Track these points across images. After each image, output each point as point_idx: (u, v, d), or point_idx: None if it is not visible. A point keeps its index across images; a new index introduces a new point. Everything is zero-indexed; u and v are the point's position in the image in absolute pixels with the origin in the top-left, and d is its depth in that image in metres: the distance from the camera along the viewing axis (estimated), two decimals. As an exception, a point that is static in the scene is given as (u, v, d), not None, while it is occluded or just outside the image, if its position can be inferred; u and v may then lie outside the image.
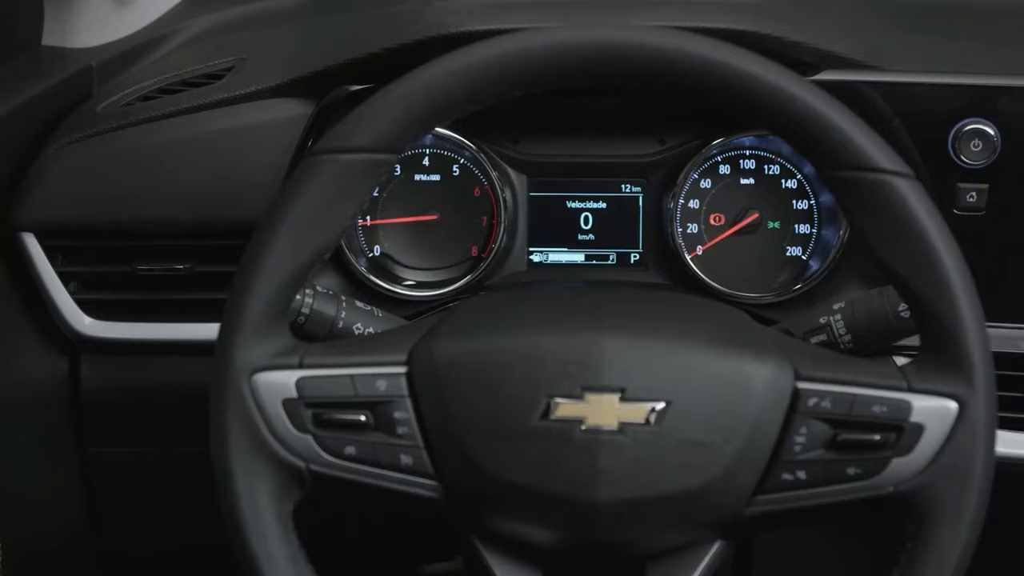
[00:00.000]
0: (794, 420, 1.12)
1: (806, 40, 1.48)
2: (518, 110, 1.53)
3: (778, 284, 1.60)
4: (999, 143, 1.46)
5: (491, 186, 1.59)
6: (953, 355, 1.12)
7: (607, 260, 1.65)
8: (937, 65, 1.50)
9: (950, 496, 1.10)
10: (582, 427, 1.10)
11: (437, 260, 1.64)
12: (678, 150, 1.61)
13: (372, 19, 1.62)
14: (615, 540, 1.14)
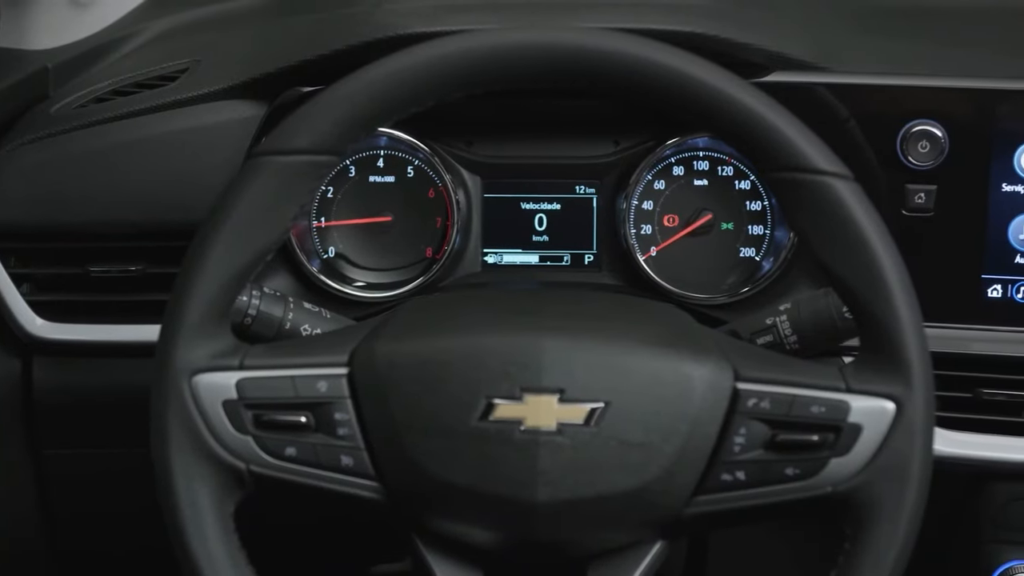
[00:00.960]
0: (733, 421, 1.12)
1: (755, 42, 1.49)
2: (472, 112, 1.53)
3: (731, 285, 1.60)
4: (947, 144, 1.46)
5: (445, 188, 1.59)
6: (891, 356, 1.12)
7: (561, 261, 1.65)
8: (887, 67, 1.51)
9: (887, 496, 1.11)
10: (521, 428, 1.11)
11: (391, 261, 1.64)
12: (632, 151, 1.61)
13: (324, 21, 1.62)
14: (555, 540, 1.14)
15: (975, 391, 1.47)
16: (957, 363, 1.50)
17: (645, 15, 1.50)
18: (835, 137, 1.39)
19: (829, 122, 1.49)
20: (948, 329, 1.52)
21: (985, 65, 1.52)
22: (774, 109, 1.14)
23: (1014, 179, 1.48)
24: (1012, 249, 1.49)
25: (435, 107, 1.38)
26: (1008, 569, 1.49)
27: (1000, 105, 1.47)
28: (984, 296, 1.50)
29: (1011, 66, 1.52)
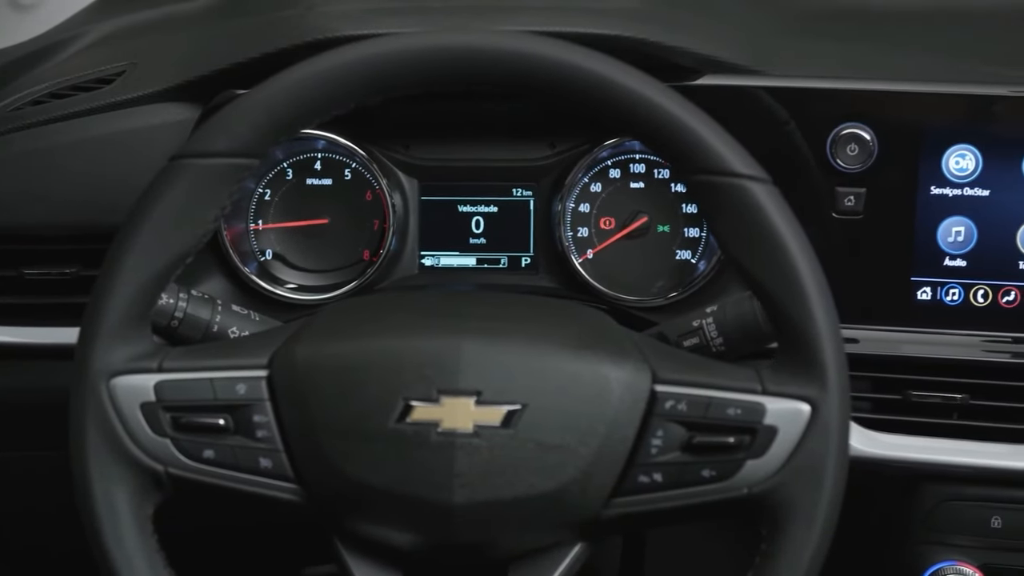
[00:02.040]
0: (651, 423, 1.13)
1: (685, 45, 1.49)
2: (410, 115, 1.54)
3: (667, 287, 1.60)
4: (876, 147, 1.47)
5: (381, 191, 1.60)
6: (806, 358, 1.13)
7: (498, 264, 1.65)
8: (818, 70, 1.51)
9: (802, 497, 1.11)
10: (438, 430, 1.11)
11: (328, 263, 1.65)
12: (568, 154, 1.61)
13: (259, 24, 1.62)
14: (473, 542, 1.14)
15: (905, 393, 1.48)
16: (887, 365, 1.51)
17: (572, 19, 1.50)
18: (770, 140, 1.41)
19: (767, 125, 1.49)
20: (879, 331, 1.52)
21: (915, 68, 1.52)
22: (692, 112, 1.14)
23: (942, 182, 1.48)
24: (941, 252, 1.50)
25: (372, 110, 1.38)
26: (938, 570, 1.50)
27: (928, 108, 1.48)
28: (914, 299, 1.51)
29: (941, 69, 1.52)
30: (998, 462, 1.46)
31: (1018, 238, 1.48)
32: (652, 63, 1.44)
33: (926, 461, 1.47)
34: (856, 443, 1.47)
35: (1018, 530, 1.47)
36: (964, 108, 1.47)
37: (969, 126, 1.47)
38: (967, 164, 1.48)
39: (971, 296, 1.50)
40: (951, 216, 1.49)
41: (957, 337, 1.51)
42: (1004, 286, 1.49)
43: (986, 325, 1.50)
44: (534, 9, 1.55)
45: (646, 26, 1.50)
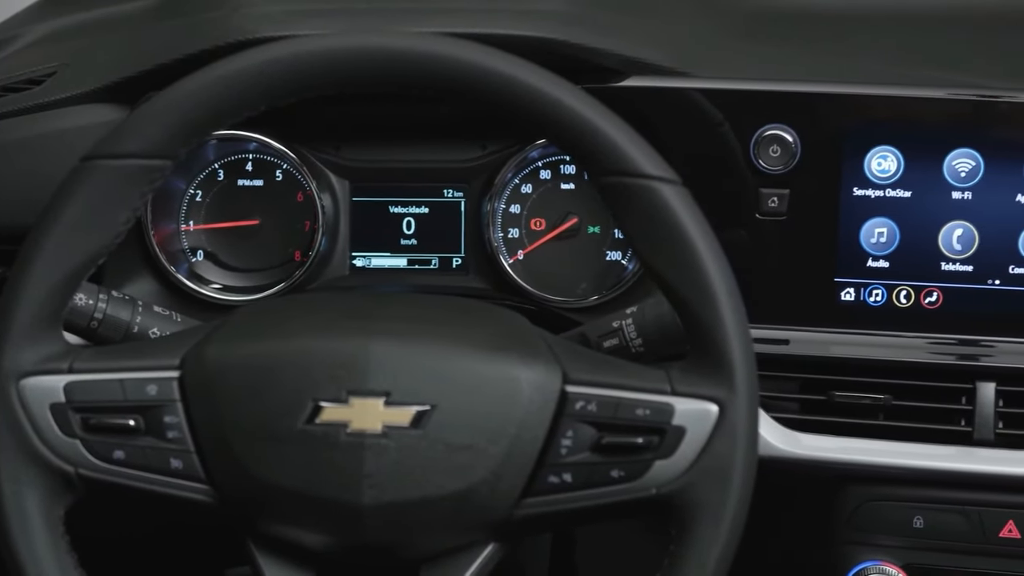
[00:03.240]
0: (561, 423, 1.13)
1: (609, 47, 1.49)
2: (340, 116, 1.54)
3: (595, 288, 1.61)
4: (798, 149, 1.47)
5: (312, 192, 1.60)
6: (714, 359, 1.13)
7: (429, 265, 1.65)
8: (742, 72, 1.51)
9: (709, 498, 1.12)
10: (347, 431, 1.11)
11: (260, 264, 1.65)
12: (498, 155, 1.62)
13: (187, 25, 1.61)
14: (384, 542, 1.14)
15: (829, 394, 1.48)
16: (812, 366, 1.52)
17: (496, 21, 1.50)
18: (695, 141, 1.42)
19: (693, 126, 1.50)
20: (804, 332, 1.52)
21: (840, 70, 1.53)
22: (602, 113, 1.14)
23: (865, 184, 1.49)
24: (864, 253, 1.50)
25: (303, 111, 1.39)
26: (862, 570, 1.50)
27: (849, 110, 1.48)
28: (838, 300, 1.52)
29: (867, 71, 1.53)
30: (920, 462, 1.47)
31: (939, 239, 1.49)
32: (576, 65, 1.46)
33: (849, 462, 1.48)
34: (779, 444, 1.48)
35: (940, 530, 1.48)
36: (885, 110, 1.48)
37: (890, 128, 1.48)
38: (889, 165, 1.48)
39: (894, 297, 1.51)
40: (874, 217, 1.50)
41: (880, 338, 1.52)
42: (926, 287, 1.50)
43: (909, 326, 1.51)
44: (458, 11, 1.55)
45: (570, 28, 1.50)
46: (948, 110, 1.48)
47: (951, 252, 1.50)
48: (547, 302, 1.60)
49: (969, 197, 1.48)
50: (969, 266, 1.49)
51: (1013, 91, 1.47)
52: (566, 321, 1.57)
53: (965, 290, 1.50)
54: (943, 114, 1.48)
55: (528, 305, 1.61)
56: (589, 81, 1.49)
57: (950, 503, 1.49)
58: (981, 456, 1.47)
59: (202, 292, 1.62)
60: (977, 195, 1.48)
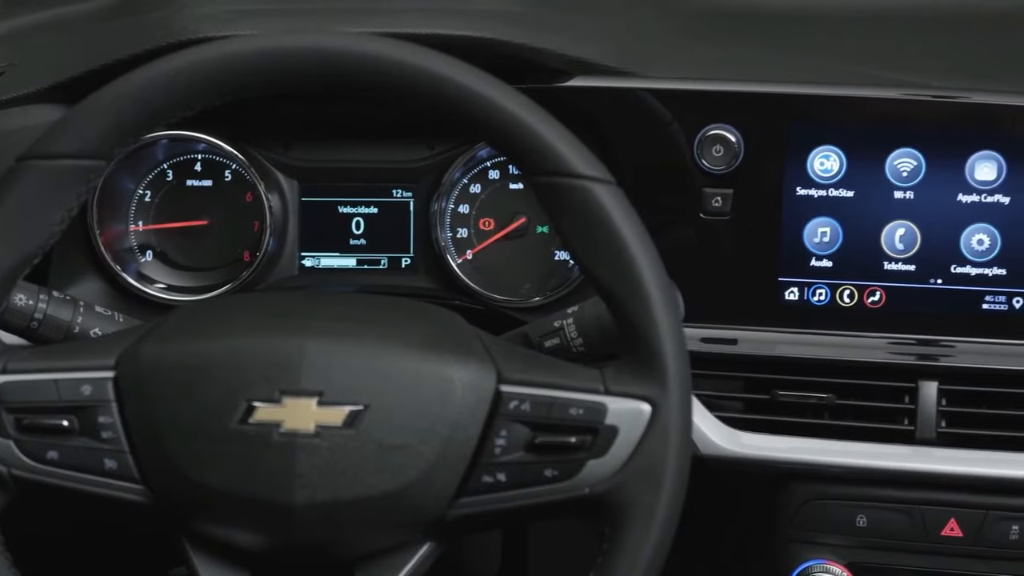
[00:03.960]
0: (495, 423, 1.13)
1: (554, 47, 1.49)
2: (289, 116, 1.54)
3: (544, 288, 1.61)
4: (741, 148, 1.48)
5: (260, 192, 1.60)
6: (647, 358, 1.13)
7: (378, 265, 1.66)
8: (685, 71, 1.52)
9: (642, 497, 1.12)
10: (279, 430, 1.11)
11: (209, 264, 1.65)
12: (446, 154, 1.62)
13: (133, 25, 1.61)
14: (317, 542, 1.14)
15: (773, 393, 1.49)
16: (756, 365, 1.52)
17: (438, 21, 1.50)
18: (640, 141, 1.43)
19: (638, 126, 1.50)
20: (749, 332, 1.53)
21: (784, 69, 1.53)
22: (535, 113, 1.15)
23: (807, 183, 1.49)
24: (807, 253, 1.51)
25: (251, 111, 1.40)
26: (806, 569, 1.51)
27: (792, 109, 1.49)
28: (782, 299, 1.52)
29: (811, 70, 1.54)
30: (862, 461, 1.47)
31: (882, 239, 1.49)
32: (520, 65, 1.46)
33: (791, 460, 1.48)
34: (721, 442, 1.49)
35: (883, 528, 1.49)
36: (827, 109, 1.48)
37: (833, 127, 1.48)
38: (831, 165, 1.49)
39: (837, 296, 1.51)
40: (817, 217, 1.50)
41: (824, 337, 1.52)
42: (869, 286, 1.51)
43: (852, 325, 1.52)
44: (400, 11, 1.55)
45: (513, 28, 1.50)
46: (890, 110, 1.49)
47: (894, 252, 1.50)
48: (495, 302, 1.60)
49: (911, 197, 1.49)
50: (911, 265, 1.50)
51: (954, 90, 1.48)
52: (514, 321, 1.57)
53: (908, 289, 1.50)
54: (885, 114, 1.49)
55: (476, 305, 1.61)
56: (534, 81, 1.50)
57: (893, 502, 1.49)
58: (923, 455, 1.48)
59: (148, 292, 1.62)
60: (919, 195, 1.48)
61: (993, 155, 1.47)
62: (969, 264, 1.49)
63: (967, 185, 1.48)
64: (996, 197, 1.47)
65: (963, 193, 1.48)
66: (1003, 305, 1.49)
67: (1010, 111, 1.47)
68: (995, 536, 1.47)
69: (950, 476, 1.47)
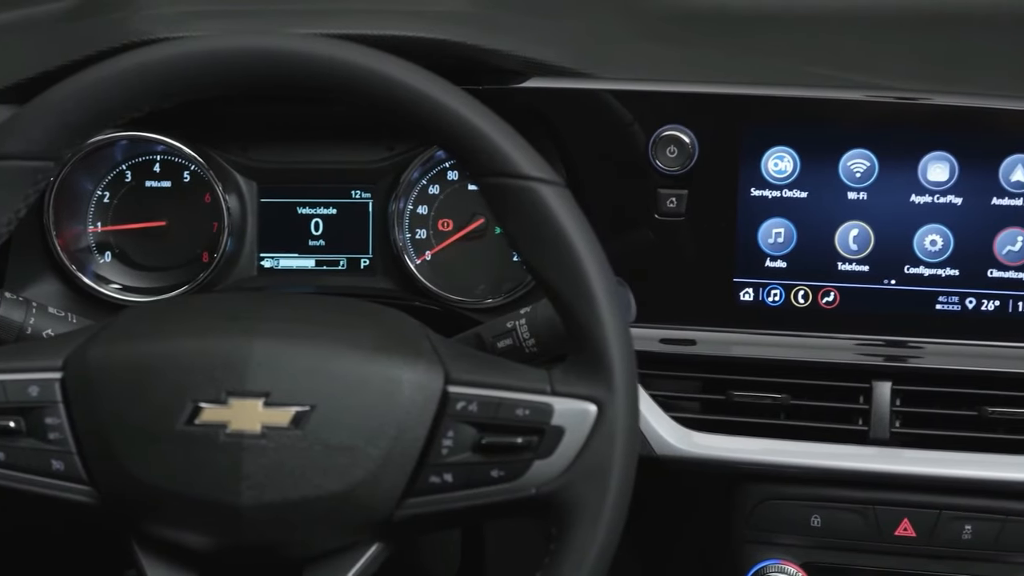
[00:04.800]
0: (442, 423, 1.13)
1: (508, 48, 1.50)
2: (247, 117, 1.54)
3: (502, 289, 1.61)
4: (696, 149, 1.48)
5: (218, 193, 1.60)
6: (593, 359, 1.13)
7: (337, 266, 1.66)
8: (641, 73, 1.52)
9: (588, 497, 1.12)
10: (226, 431, 1.11)
11: (167, 265, 1.65)
12: (404, 155, 1.62)
13: (91, 26, 1.61)
14: (265, 543, 1.14)
15: (728, 393, 1.49)
16: (713, 366, 1.52)
17: (390, 22, 1.50)
18: (596, 142, 1.43)
19: (593, 127, 1.51)
20: (705, 332, 1.53)
21: (739, 70, 1.54)
22: (482, 114, 1.15)
23: (762, 184, 1.50)
24: (762, 254, 1.51)
25: (210, 112, 1.40)
26: (761, 569, 1.51)
27: (746, 110, 1.49)
28: (737, 300, 1.52)
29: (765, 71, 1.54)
30: (815, 461, 1.48)
31: (836, 239, 1.50)
32: (474, 66, 1.46)
33: (745, 460, 1.49)
34: (675, 442, 1.49)
35: (837, 528, 1.49)
36: (780, 110, 1.49)
37: (786, 128, 1.49)
38: (785, 166, 1.49)
39: (792, 297, 1.52)
40: (771, 218, 1.51)
41: (779, 338, 1.52)
42: (823, 287, 1.51)
43: (806, 326, 1.52)
44: (354, 12, 1.55)
45: (467, 29, 1.50)
46: (843, 111, 1.49)
47: (847, 252, 1.50)
48: (453, 303, 1.61)
49: (864, 197, 1.49)
50: (865, 266, 1.50)
51: (906, 91, 1.48)
52: (472, 322, 1.57)
53: (861, 290, 1.51)
54: (838, 115, 1.49)
55: (434, 306, 1.61)
56: (489, 82, 1.50)
57: (847, 502, 1.50)
58: (876, 455, 1.48)
59: (104, 293, 1.62)
60: (872, 195, 1.49)
61: (945, 156, 1.47)
62: (922, 265, 1.49)
63: (920, 186, 1.48)
64: (949, 198, 1.48)
65: (916, 194, 1.48)
66: (956, 305, 1.49)
67: (962, 112, 1.47)
68: (948, 536, 1.47)
69: (903, 476, 1.47)
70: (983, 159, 1.46)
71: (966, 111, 1.47)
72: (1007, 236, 1.48)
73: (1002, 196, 1.47)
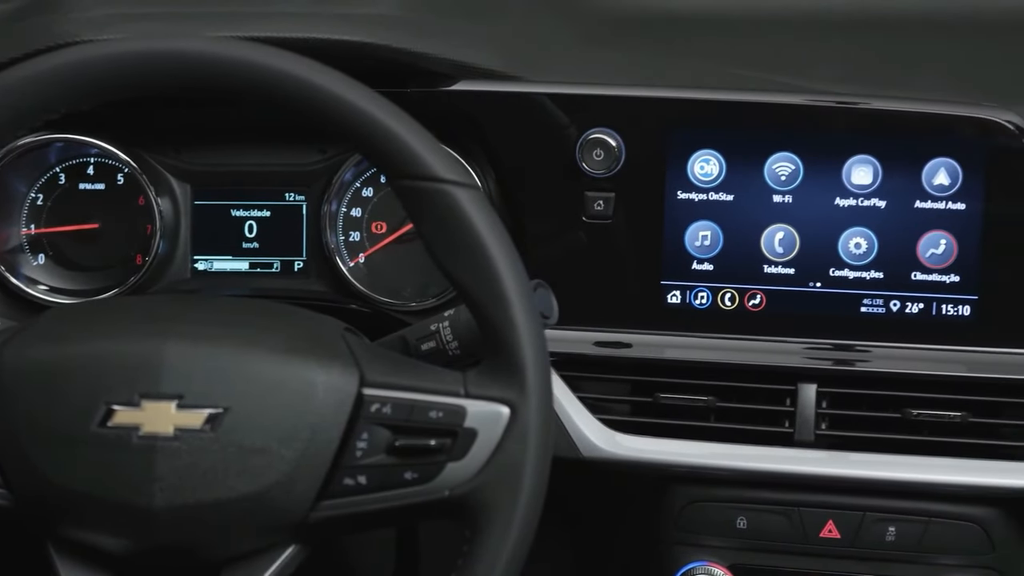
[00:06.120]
0: (356, 426, 1.14)
1: (435, 51, 1.50)
2: (181, 119, 1.54)
3: (430, 292, 1.61)
4: (622, 152, 1.48)
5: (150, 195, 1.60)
6: (507, 362, 1.14)
7: (271, 268, 1.66)
8: (572, 76, 1.53)
9: (500, 499, 1.12)
10: (139, 434, 1.11)
11: (101, 267, 1.64)
12: (337, 158, 1.62)
13: (22, 28, 1.61)
14: (180, 545, 1.14)
15: (655, 396, 1.49)
16: (641, 368, 1.53)
17: (317, 25, 1.49)
18: (525, 145, 1.44)
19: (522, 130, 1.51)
20: (638, 335, 1.54)
21: (668, 73, 1.54)
22: (396, 117, 1.15)
23: (688, 187, 1.50)
24: (689, 256, 1.52)
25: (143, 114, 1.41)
26: (689, 571, 1.51)
27: (671, 114, 1.50)
28: (664, 302, 1.53)
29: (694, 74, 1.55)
30: (740, 463, 1.48)
31: (762, 242, 1.51)
32: (402, 69, 1.46)
33: (670, 462, 1.49)
34: (603, 445, 1.49)
35: (762, 530, 1.50)
36: (706, 114, 1.50)
37: (712, 131, 1.50)
38: (711, 169, 1.50)
39: (719, 299, 1.52)
40: (698, 221, 1.51)
41: (707, 340, 1.53)
42: (750, 290, 1.52)
43: (733, 328, 1.53)
44: (282, 15, 1.55)
45: (395, 32, 1.50)
46: (768, 115, 1.50)
47: (773, 255, 1.51)
48: (385, 306, 1.61)
49: (790, 200, 1.50)
50: (791, 269, 1.51)
51: (829, 96, 1.49)
52: (402, 325, 1.57)
53: (787, 292, 1.51)
54: (763, 119, 1.50)
55: (366, 309, 1.61)
56: (417, 85, 1.51)
57: (772, 504, 1.50)
58: (800, 457, 1.49)
59: (32, 294, 1.61)
60: (797, 198, 1.50)
61: (869, 160, 1.48)
62: (847, 267, 1.50)
63: (844, 189, 1.49)
64: (872, 201, 1.49)
65: (840, 197, 1.49)
66: (881, 308, 1.50)
67: (885, 116, 1.48)
68: (872, 537, 1.48)
69: (827, 478, 1.48)
70: (906, 163, 1.47)
71: (890, 115, 1.48)
72: (930, 239, 1.48)
73: (925, 199, 1.48)
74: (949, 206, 1.47)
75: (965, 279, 1.48)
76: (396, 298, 1.62)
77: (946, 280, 1.48)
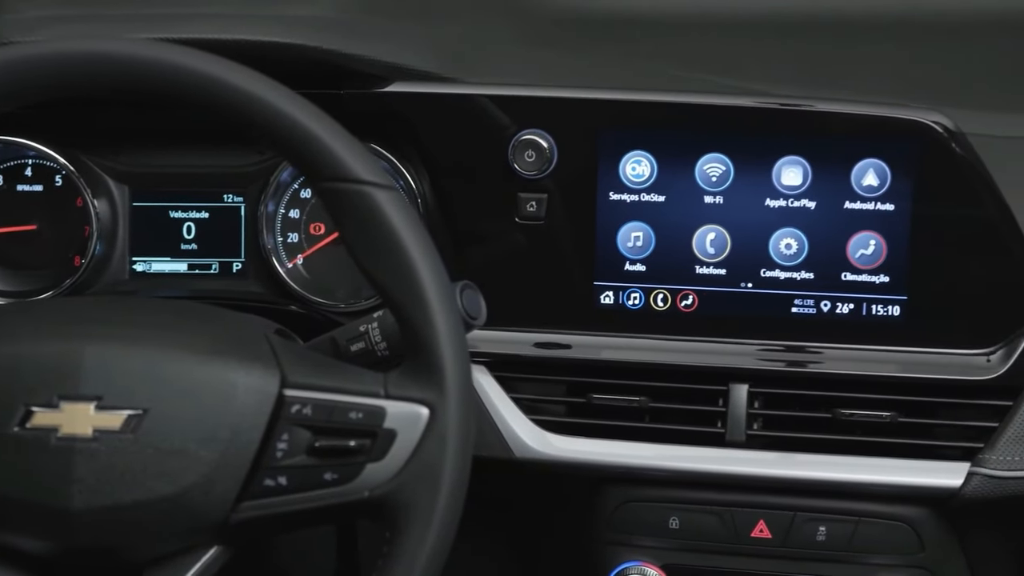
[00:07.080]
0: (277, 427, 1.14)
1: (367, 53, 1.50)
2: (119, 121, 1.54)
3: (362, 293, 1.62)
4: (554, 154, 1.49)
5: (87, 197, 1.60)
6: (426, 363, 1.14)
7: (210, 270, 1.66)
8: (506, 77, 1.53)
9: (419, 500, 1.13)
10: (57, 435, 1.11)
11: (39, 269, 1.64)
12: (275, 159, 1.62)
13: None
14: (100, 546, 1.14)
15: (588, 396, 1.50)
16: (576, 369, 1.53)
17: (248, 27, 1.49)
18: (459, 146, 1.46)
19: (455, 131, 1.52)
20: (565, 335, 1.54)
21: (601, 74, 1.55)
22: (316, 119, 1.15)
23: (620, 188, 1.51)
24: (621, 257, 1.52)
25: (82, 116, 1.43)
26: (623, 571, 1.52)
27: (602, 115, 1.50)
28: (597, 303, 1.53)
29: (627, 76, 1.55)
30: (671, 464, 1.49)
31: (694, 243, 1.51)
32: (335, 71, 1.46)
33: (604, 463, 1.50)
34: (535, 445, 1.50)
35: (694, 530, 1.50)
36: (636, 115, 1.50)
37: (643, 133, 1.50)
38: (643, 170, 1.51)
39: (651, 300, 1.53)
40: (630, 222, 1.52)
41: (640, 341, 1.53)
42: (682, 290, 1.52)
43: (666, 329, 1.53)
44: (213, 16, 1.55)
45: (326, 34, 1.50)
46: (698, 116, 1.51)
47: (705, 256, 1.52)
48: (321, 307, 1.61)
49: (721, 201, 1.50)
50: (722, 269, 1.51)
51: (759, 96, 1.49)
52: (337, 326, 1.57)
53: (719, 293, 1.52)
54: (693, 120, 1.51)
55: (302, 310, 1.61)
56: (351, 87, 1.51)
57: (704, 504, 1.51)
58: (731, 457, 1.50)
59: None
60: (728, 199, 1.50)
61: (799, 160, 1.48)
62: (778, 268, 1.51)
63: (774, 190, 1.49)
64: (803, 202, 1.49)
65: (771, 198, 1.49)
66: (811, 308, 1.50)
67: (815, 117, 1.49)
68: (803, 537, 1.49)
69: (758, 478, 1.48)
70: (835, 164, 1.48)
71: (819, 116, 1.49)
72: (860, 240, 1.49)
73: (854, 200, 1.48)
74: (878, 207, 1.47)
75: (894, 279, 1.48)
76: (331, 299, 1.62)
77: (876, 280, 1.49)
